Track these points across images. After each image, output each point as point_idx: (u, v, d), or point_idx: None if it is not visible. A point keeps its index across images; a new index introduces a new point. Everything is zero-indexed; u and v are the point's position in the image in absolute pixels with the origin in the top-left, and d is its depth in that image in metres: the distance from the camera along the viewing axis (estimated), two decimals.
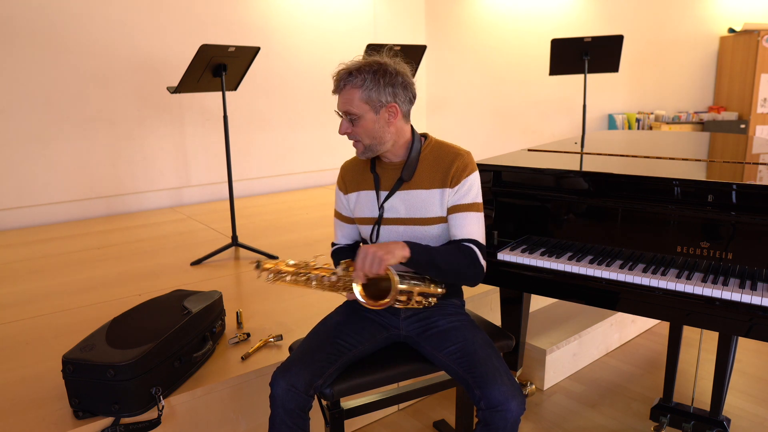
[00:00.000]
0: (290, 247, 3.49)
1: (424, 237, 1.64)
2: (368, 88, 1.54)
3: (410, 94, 1.61)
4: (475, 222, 1.62)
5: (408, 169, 1.63)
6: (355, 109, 1.55)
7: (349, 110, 1.56)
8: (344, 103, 1.57)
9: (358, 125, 1.57)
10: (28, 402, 1.77)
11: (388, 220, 1.65)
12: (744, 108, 6.50)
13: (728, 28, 6.61)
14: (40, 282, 2.97)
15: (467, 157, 1.64)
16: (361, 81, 1.53)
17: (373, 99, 1.55)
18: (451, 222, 1.63)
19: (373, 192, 1.68)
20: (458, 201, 1.62)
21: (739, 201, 1.62)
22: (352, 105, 1.55)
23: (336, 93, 1.60)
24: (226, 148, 3.22)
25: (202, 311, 1.97)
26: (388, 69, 1.56)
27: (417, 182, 1.63)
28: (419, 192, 1.63)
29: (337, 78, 1.57)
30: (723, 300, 1.54)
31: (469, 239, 1.60)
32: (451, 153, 1.65)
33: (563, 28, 6.33)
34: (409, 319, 1.69)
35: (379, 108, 1.56)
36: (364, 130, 1.58)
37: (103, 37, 4.40)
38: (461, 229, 1.61)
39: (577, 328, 2.65)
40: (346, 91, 1.56)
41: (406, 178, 1.63)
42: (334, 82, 1.58)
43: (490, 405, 1.41)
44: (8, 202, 4.18)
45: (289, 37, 5.39)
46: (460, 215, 1.61)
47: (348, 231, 1.80)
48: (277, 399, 1.46)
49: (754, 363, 2.67)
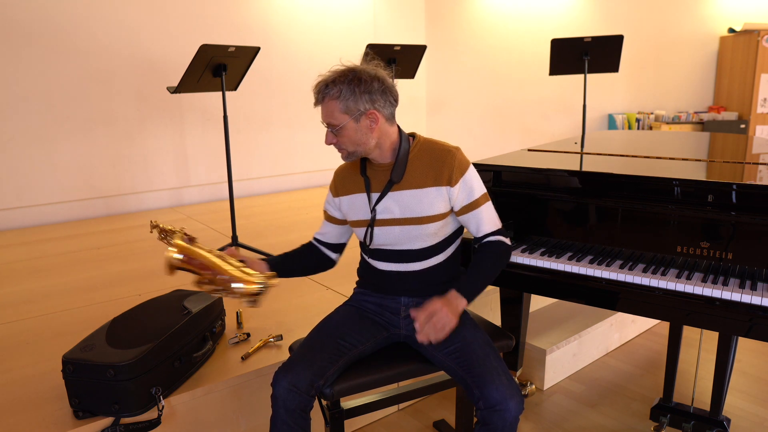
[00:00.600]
0: (290, 247, 3.48)
1: (420, 235, 1.64)
2: (345, 98, 1.54)
3: (390, 98, 1.61)
4: (489, 212, 1.69)
5: (397, 170, 1.64)
6: (336, 120, 1.57)
7: (330, 122, 1.58)
8: (325, 115, 1.58)
9: (341, 135, 1.59)
10: (28, 402, 1.77)
11: (382, 221, 1.66)
12: (744, 108, 6.50)
13: (728, 28, 6.61)
14: (40, 282, 2.97)
15: (458, 153, 1.65)
16: (338, 92, 1.54)
17: (351, 108, 1.55)
18: (468, 220, 1.68)
19: (364, 195, 1.69)
20: (468, 200, 1.64)
21: (739, 201, 1.62)
22: (333, 117, 1.57)
23: (317, 106, 1.61)
24: (226, 148, 3.22)
25: (202, 311, 1.97)
26: (363, 76, 1.56)
27: (409, 182, 1.64)
28: (412, 192, 1.63)
29: (316, 91, 1.59)
30: (723, 300, 1.54)
31: (493, 231, 1.68)
32: (441, 150, 1.65)
33: (563, 28, 6.33)
34: (408, 318, 1.70)
35: (359, 116, 1.57)
36: (347, 139, 1.59)
37: (103, 37, 4.40)
38: (482, 226, 1.68)
39: (577, 328, 2.65)
40: (326, 103, 1.57)
41: (396, 179, 1.63)
42: (314, 95, 1.60)
43: (488, 404, 1.42)
44: (8, 202, 4.18)
45: (289, 37, 5.39)
46: (474, 213, 1.66)
47: (329, 230, 1.84)
48: (279, 399, 1.47)
49: (754, 363, 2.67)
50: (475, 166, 2.08)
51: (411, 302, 1.70)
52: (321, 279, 2.83)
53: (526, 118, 6.65)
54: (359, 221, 1.71)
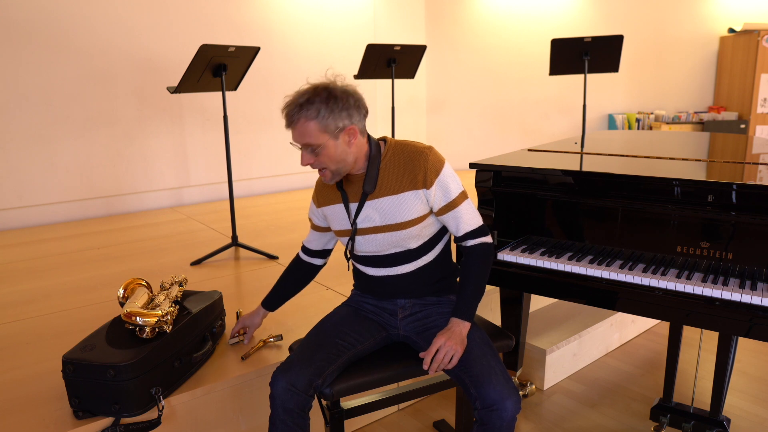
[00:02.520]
0: (290, 246, 3.49)
1: (402, 239, 1.64)
2: (323, 117, 1.51)
3: (363, 111, 1.60)
4: (468, 210, 1.66)
5: (369, 181, 1.63)
6: (314, 140, 1.53)
7: (309, 142, 1.54)
8: (301, 135, 1.54)
9: (321, 154, 1.56)
10: (28, 402, 1.77)
11: (364, 230, 1.66)
12: (744, 108, 6.49)
13: (728, 28, 6.61)
14: (40, 282, 2.97)
15: (431, 153, 1.62)
16: (315, 112, 1.51)
17: (330, 126, 1.53)
18: (448, 220, 1.66)
19: (341, 206, 1.70)
20: (445, 200, 1.63)
21: (739, 201, 1.62)
22: (311, 137, 1.53)
23: (289, 128, 1.57)
24: (226, 148, 3.22)
25: (202, 311, 1.97)
26: (337, 93, 1.54)
27: (385, 189, 1.63)
28: (390, 198, 1.62)
29: (288, 113, 1.54)
30: (723, 300, 1.55)
31: (473, 230, 1.66)
32: (413, 152, 1.63)
33: (563, 28, 6.33)
34: (406, 319, 1.70)
35: (338, 133, 1.55)
36: (328, 157, 1.56)
37: (103, 37, 4.40)
38: (461, 225, 1.65)
39: (577, 328, 2.65)
40: (300, 124, 1.52)
41: (369, 190, 1.63)
42: (286, 117, 1.55)
43: (485, 404, 1.42)
44: (8, 202, 4.18)
45: (289, 36, 5.39)
46: (453, 213, 1.64)
47: (316, 237, 1.88)
48: (277, 399, 1.47)
49: (754, 363, 2.67)
50: (475, 166, 2.09)
51: (408, 303, 1.71)
52: (321, 279, 2.83)
53: (526, 118, 6.64)
54: (342, 231, 1.72)
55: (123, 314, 1.74)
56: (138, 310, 1.73)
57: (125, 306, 1.77)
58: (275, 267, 3.12)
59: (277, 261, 3.22)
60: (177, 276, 2.10)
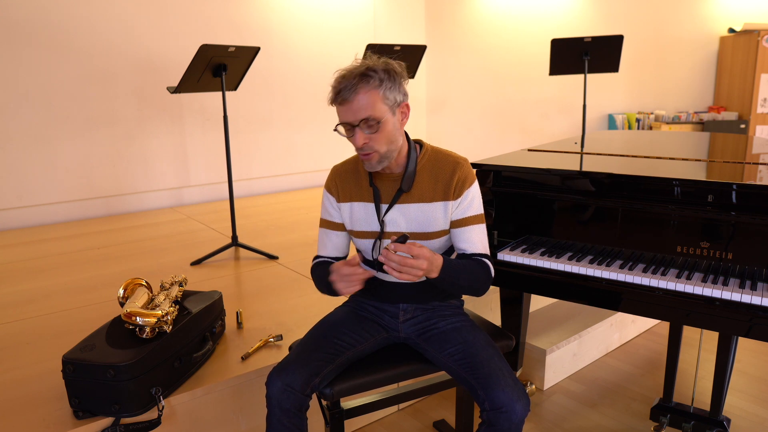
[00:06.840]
0: (290, 246, 3.49)
1: None
2: (387, 88, 1.41)
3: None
4: (482, 234, 1.60)
5: (408, 180, 1.55)
6: (378, 112, 1.41)
7: (371, 115, 1.41)
8: (361, 110, 1.40)
9: (380, 131, 1.43)
10: (28, 402, 1.77)
11: (387, 233, 1.59)
12: (744, 108, 6.49)
13: (728, 28, 6.61)
14: (40, 282, 2.97)
15: (467, 166, 1.58)
16: (378, 81, 1.40)
17: (390, 99, 1.43)
18: (458, 235, 1.59)
19: (371, 205, 1.59)
20: (464, 214, 1.57)
21: (739, 201, 1.62)
22: (374, 109, 1.40)
23: (341, 103, 1.43)
24: (226, 148, 3.22)
25: (202, 311, 1.97)
26: (394, 66, 1.47)
27: (417, 195, 1.56)
28: (419, 206, 1.56)
29: (346, 85, 1.40)
30: (723, 300, 1.54)
31: (483, 254, 1.58)
32: (450, 162, 1.58)
33: (563, 28, 6.33)
34: (407, 322, 1.69)
35: (395, 108, 1.46)
36: (385, 135, 1.44)
37: (103, 37, 4.40)
38: (472, 244, 1.58)
39: (577, 328, 2.65)
40: (362, 95, 1.40)
41: (406, 189, 1.55)
42: (341, 90, 1.40)
43: (494, 406, 1.40)
44: (8, 202, 4.18)
45: (289, 36, 5.39)
46: (467, 229, 1.58)
47: (338, 241, 1.68)
48: (273, 399, 1.45)
49: (754, 363, 2.67)
50: (475, 166, 2.08)
51: (410, 307, 1.69)
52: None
53: (526, 118, 6.64)
54: (364, 232, 1.61)
55: (123, 314, 1.74)
56: (138, 310, 1.74)
57: (125, 306, 1.77)
58: (275, 267, 3.12)
59: (277, 261, 3.22)
60: (177, 276, 2.10)
